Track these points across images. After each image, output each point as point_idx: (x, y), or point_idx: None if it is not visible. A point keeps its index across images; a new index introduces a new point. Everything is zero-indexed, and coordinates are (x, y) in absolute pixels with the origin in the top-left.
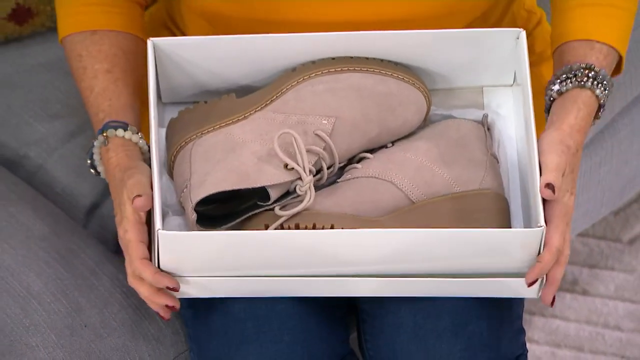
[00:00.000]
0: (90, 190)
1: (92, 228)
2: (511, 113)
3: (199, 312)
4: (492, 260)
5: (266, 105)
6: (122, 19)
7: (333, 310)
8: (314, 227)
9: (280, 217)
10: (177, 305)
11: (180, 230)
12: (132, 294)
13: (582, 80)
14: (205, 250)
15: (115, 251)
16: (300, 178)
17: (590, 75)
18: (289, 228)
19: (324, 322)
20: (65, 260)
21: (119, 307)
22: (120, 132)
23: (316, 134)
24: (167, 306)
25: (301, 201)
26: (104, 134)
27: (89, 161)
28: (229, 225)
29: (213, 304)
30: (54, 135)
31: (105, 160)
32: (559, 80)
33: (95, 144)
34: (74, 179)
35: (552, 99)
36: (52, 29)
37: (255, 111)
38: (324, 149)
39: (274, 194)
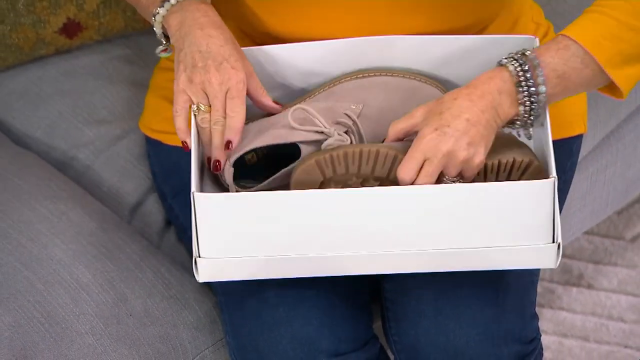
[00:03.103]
0: (134, 190)
1: (136, 224)
2: None
3: (234, 298)
4: (505, 219)
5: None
6: None
7: (358, 296)
8: (360, 154)
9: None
10: (222, 164)
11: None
12: (172, 285)
13: (508, 60)
14: (242, 215)
15: (157, 246)
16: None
17: (516, 57)
18: (337, 157)
19: (350, 308)
20: (112, 254)
21: (160, 298)
22: None
23: (345, 113)
24: (218, 163)
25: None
26: None
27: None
28: (265, 183)
29: (247, 291)
30: (101, 139)
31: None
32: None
33: (172, 0)
34: (119, 178)
35: None
36: (100, 41)
37: (289, 107)
38: (352, 125)
39: (306, 153)
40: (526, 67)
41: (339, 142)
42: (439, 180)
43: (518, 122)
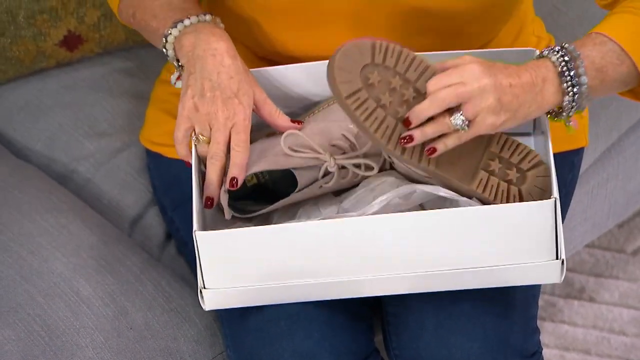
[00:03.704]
0: (135, 202)
1: (137, 237)
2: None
3: (236, 312)
4: (509, 239)
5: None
6: None
7: (358, 310)
8: (413, 58)
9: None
10: (214, 202)
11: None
12: (173, 298)
13: (550, 52)
14: (243, 249)
15: (158, 259)
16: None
17: (556, 49)
18: (393, 49)
19: (350, 321)
20: (112, 267)
21: (161, 311)
22: (208, 17)
23: (342, 134)
24: (210, 201)
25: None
26: (197, 16)
27: (165, 42)
28: (263, 210)
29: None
30: (101, 152)
31: (198, 35)
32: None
33: (186, 22)
34: (119, 191)
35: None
36: (100, 54)
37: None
38: (350, 145)
39: (302, 180)
40: (567, 58)
41: (333, 161)
42: (444, 116)
43: (563, 113)
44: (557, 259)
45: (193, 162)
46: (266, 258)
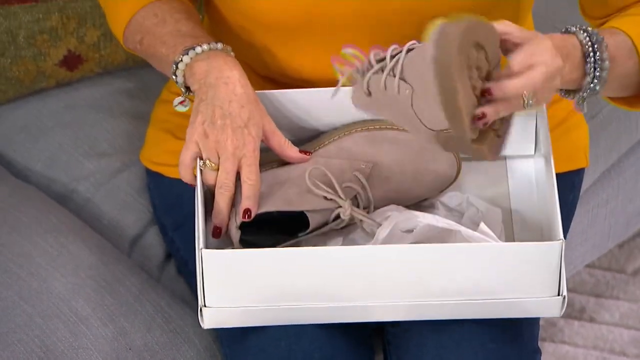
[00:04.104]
0: (134, 223)
1: (136, 257)
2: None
3: (235, 332)
4: (514, 275)
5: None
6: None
7: (359, 331)
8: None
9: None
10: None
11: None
12: (172, 319)
13: (577, 31)
14: (248, 270)
15: (157, 279)
16: (340, 206)
17: (582, 29)
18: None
19: (351, 341)
20: (111, 288)
21: (160, 332)
22: (220, 45)
23: (354, 175)
24: (218, 230)
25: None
26: (209, 44)
27: (175, 70)
28: (267, 249)
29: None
30: (101, 172)
31: (208, 64)
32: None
33: (197, 49)
34: (119, 212)
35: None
36: (100, 74)
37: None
38: (361, 188)
39: (313, 222)
40: (595, 39)
41: (349, 210)
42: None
43: (582, 93)
44: (558, 295)
45: (198, 183)
46: (270, 280)
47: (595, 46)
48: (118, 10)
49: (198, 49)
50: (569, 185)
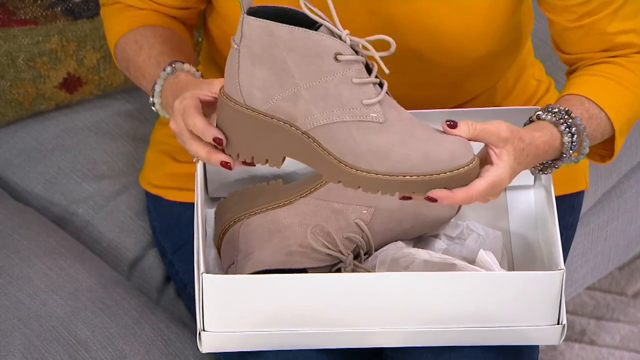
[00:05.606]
0: (134, 245)
1: (135, 280)
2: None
3: (234, 356)
4: (515, 304)
5: (310, 192)
6: (172, 22)
7: (358, 353)
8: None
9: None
10: (232, 162)
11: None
12: (172, 342)
13: (559, 121)
14: (248, 295)
15: (157, 302)
16: (340, 261)
17: (568, 122)
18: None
19: None
20: (111, 310)
21: (160, 355)
22: (186, 66)
23: (355, 223)
24: (224, 163)
25: None
26: (173, 66)
27: (152, 96)
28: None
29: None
30: (100, 194)
31: (168, 85)
32: (542, 111)
33: (162, 74)
34: (118, 234)
35: (530, 120)
36: (100, 96)
37: (300, 197)
38: (362, 237)
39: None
40: (575, 139)
41: (351, 266)
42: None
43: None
44: (558, 323)
45: (199, 209)
46: (269, 305)
47: (575, 138)
48: (107, 36)
49: (157, 87)
50: (569, 207)
